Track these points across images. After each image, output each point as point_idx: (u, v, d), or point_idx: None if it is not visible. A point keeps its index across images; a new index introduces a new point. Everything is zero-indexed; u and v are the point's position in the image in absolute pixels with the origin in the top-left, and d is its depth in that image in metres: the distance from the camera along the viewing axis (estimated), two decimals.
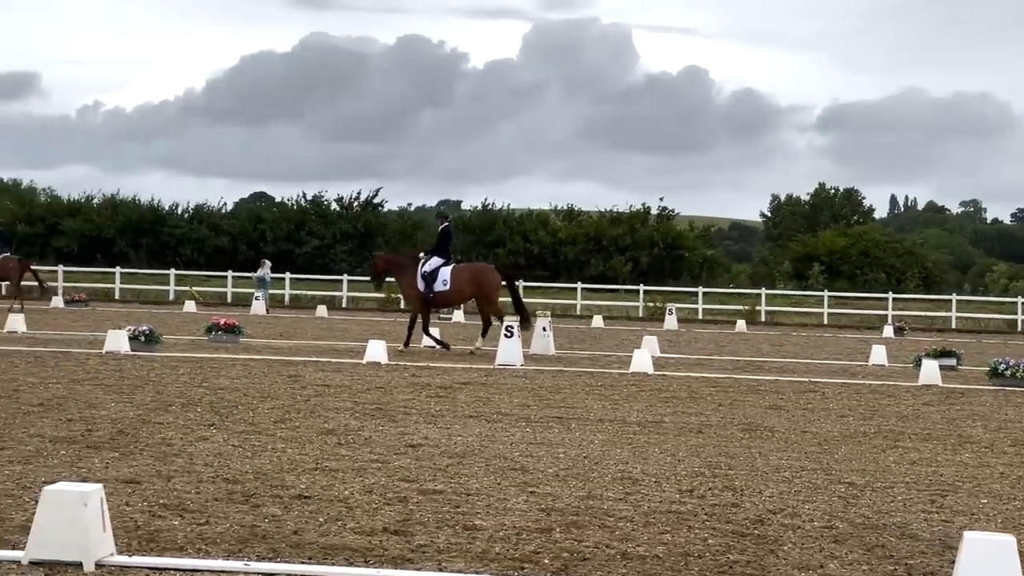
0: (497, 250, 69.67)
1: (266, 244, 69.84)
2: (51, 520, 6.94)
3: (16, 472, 10.15)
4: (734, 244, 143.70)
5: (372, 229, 71.23)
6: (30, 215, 74.24)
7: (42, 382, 17.61)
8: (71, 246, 71.06)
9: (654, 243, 70.66)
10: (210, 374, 19.62)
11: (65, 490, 7.01)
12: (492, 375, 21.43)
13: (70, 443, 11.88)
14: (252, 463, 11.07)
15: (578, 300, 58.43)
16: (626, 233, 70.63)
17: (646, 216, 72.76)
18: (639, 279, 65.70)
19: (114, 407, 14.94)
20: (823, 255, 71.17)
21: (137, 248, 71.03)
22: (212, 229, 71.46)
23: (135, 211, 73.14)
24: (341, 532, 8.30)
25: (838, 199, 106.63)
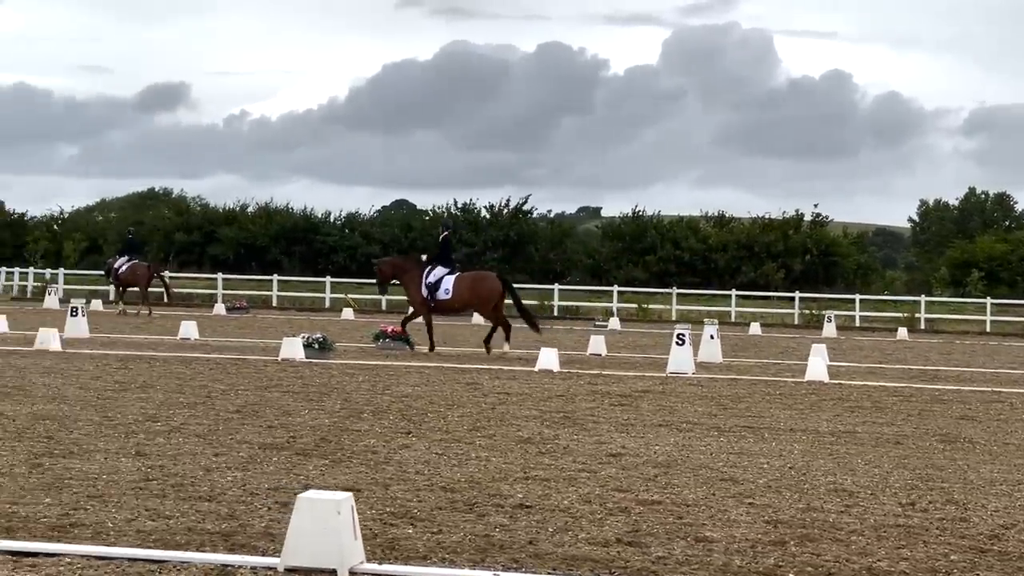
0: (647, 257, 69.38)
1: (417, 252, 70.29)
2: (306, 527, 7.01)
3: (238, 479, 10.28)
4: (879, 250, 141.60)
5: (523, 236, 71.37)
6: (187, 224, 75.71)
7: (231, 388, 17.90)
8: (227, 254, 72.32)
9: (807, 249, 69.78)
10: (390, 381, 19.77)
11: (319, 498, 7.07)
12: (667, 383, 21.30)
13: (278, 450, 12.02)
14: (461, 471, 11.09)
15: (732, 307, 57.93)
16: (778, 239, 69.84)
17: (799, 222, 71.90)
18: (792, 286, 64.96)
19: (308, 414, 15.11)
20: (981, 261, 69.65)
21: (290, 256, 72.02)
22: (364, 237, 72.19)
23: (288, 219, 74.18)
24: (575, 542, 8.26)
25: (989, 204, 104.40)
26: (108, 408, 15.09)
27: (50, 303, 49.06)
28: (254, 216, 74.82)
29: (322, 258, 71.92)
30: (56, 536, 7.91)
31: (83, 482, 9.87)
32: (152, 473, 10.41)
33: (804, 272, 68.96)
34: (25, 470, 10.41)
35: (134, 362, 22.15)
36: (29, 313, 42.52)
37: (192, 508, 8.96)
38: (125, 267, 45.74)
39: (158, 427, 13.45)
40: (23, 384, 17.68)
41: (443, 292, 28.43)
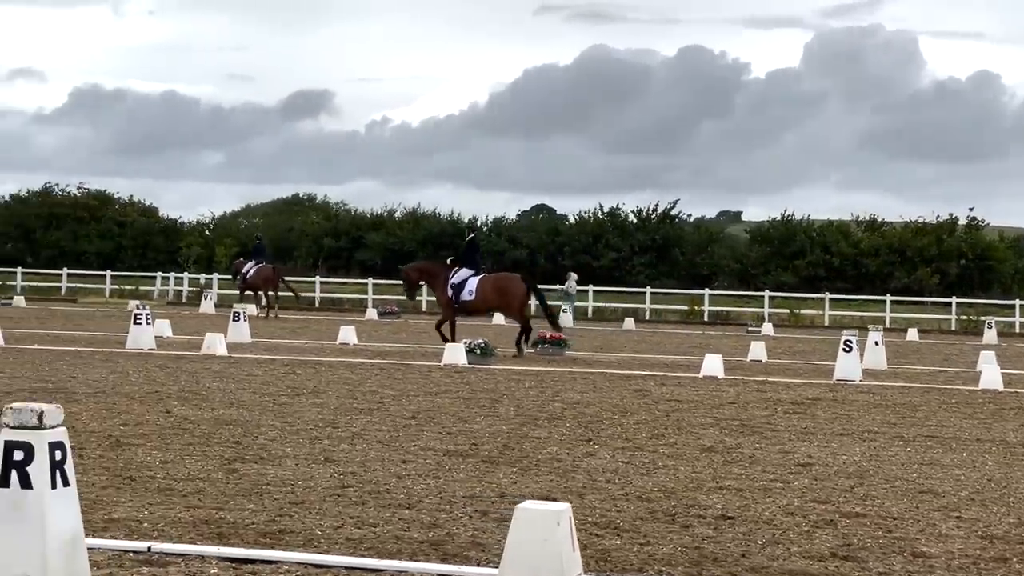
0: (796, 261, 68.54)
1: (564, 257, 70.33)
2: (524, 538, 6.90)
3: (432, 487, 10.24)
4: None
5: (669, 241, 70.97)
6: (335, 229, 76.59)
7: (401, 394, 17.95)
8: (374, 259, 72.99)
9: (962, 254, 68.36)
10: (558, 388, 19.68)
11: (538, 509, 6.96)
12: (836, 390, 20.92)
13: (464, 457, 11.98)
14: (652, 480, 10.94)
15: (887, 312, 56.93)
16: (932, 244, 68.53)
17: (952, 226, 70.47)
18: (946, 291, 63.67)
19: (484, 421, 15.07)
20: None
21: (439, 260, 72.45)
22: (510, 241, 72.36)
23: (435, 224, 74.66)
24: (788, 556, 8.07)
25: None
26: (286, 413, 15.21)
27: (206, 307, 49.94)
28: (401, 221, 75.42)
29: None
30: (268, 543, 7.92)
31: (281, 488, 9.91)
32: (346, 480, 10.42)
33: (959, 277, 67.56)
34: (222, 475, 10.49)
35: (300, 367, 22.36)
36: (187, 318, 43.27)
37: (394, 516, 8.93)
38: (252, 271, 47.02)
39: (339, 433, 13.51)
40: (198, 389, 17.92)
41: (467, 293, 28.89)
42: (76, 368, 20.86)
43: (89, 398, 16.29)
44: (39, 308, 49.40)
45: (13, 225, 78.24)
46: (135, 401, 16.09)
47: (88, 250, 76.47)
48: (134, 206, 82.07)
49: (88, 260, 74.35)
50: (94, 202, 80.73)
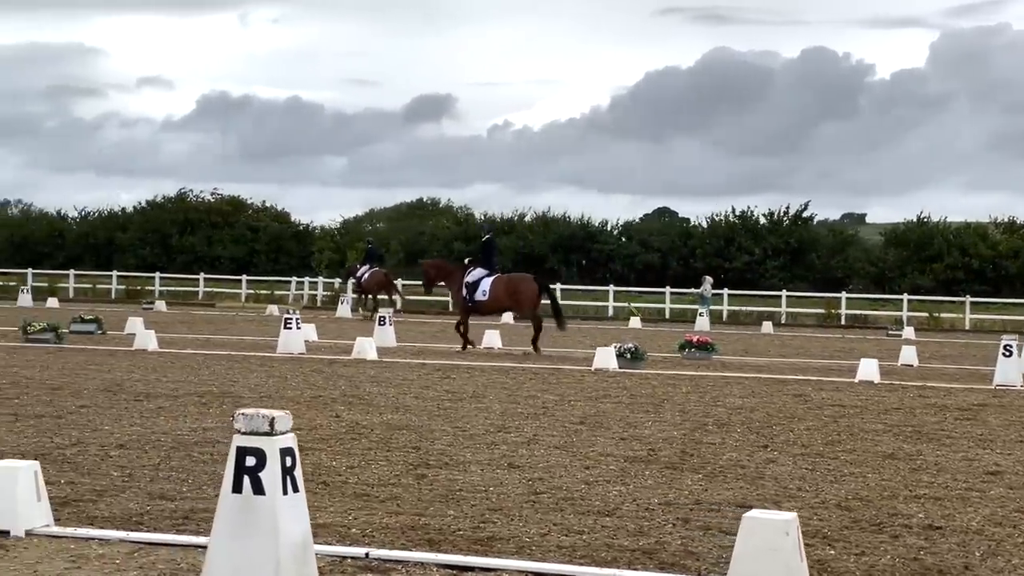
0: (934, 264, 67.36)
1: (695, 260, 69.88)
2: (753, 549, 6.78)
3: (624, 493, 10.15)
4: None
5: (804, 244, 70.16)
6: (466, 233, 76.80)
7: (562, 399, 17.87)
8: (505, 263, 73.08)
9: None
10: (717, 393, 19.49)
11: (766, 518, 6.84)
12: (999, 396, 20.46)
13: (645, 463, 11.87)
14: (844, 488, 10.74)
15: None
16: None
17: None
18: None
19: (653, 426, 14.95)
20: None
21: (568, 264, 72.39)
22: (642, 245, 72.05)
23: (566, 227, 74.59)
24: (1011, 569, 7.85)
25: None
26: (453, 418, 15.21)
27: (343, 312, 50.38)
28: (531, 224, 75.47)
29: (600, 266, 72.07)
30: (481, 550, 7.88)
31: (476, 494, 9.88)
32: (536, 486, 10.36)
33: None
34: (412, 481, 10.50)
35: (454, 372, 22.39)
36: (325, 322, 43.65)
37: (596, 523, 8.84)
38: (366, 275, 48.63)
39: (513, 438, 13.47)
40: (359, 394, 18.01)
41: (480, 293, 29.28)
42: (234, 372, 21.10)
43: (257, 402, 16.44)
44: (180, 312, 50.17)
45: (150, 231, 79.65)
46: (302, 405, 16.21)
47: (222, 255, 77.60)
48: (267, 211, 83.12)
49: (222, 265, 75.44)
50: (228, 207, 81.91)
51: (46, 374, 19.75)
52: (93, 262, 76.12)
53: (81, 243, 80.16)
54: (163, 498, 9.43)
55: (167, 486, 9.95)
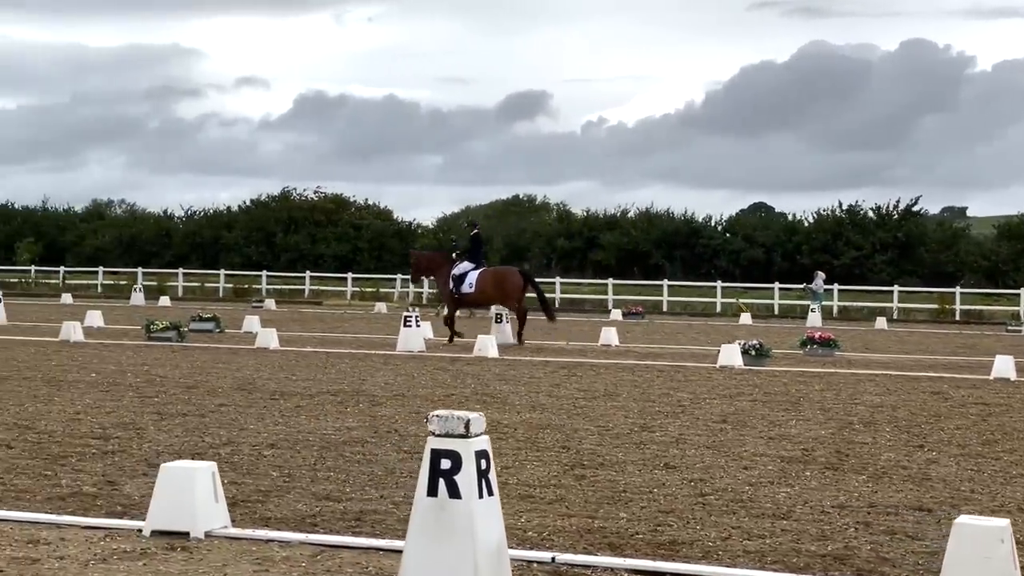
0: None
1: (802, 255, 69.09)
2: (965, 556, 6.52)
3: (793, 495, 9.90)
4: None
5: (913, 238, 69.10)
6: (568, 230, 76.67)
7: (696, 397, 17.63)
8: (608, 259, 72.81)
9: None
10: (851, 390, 19.12)
11: (979, 524, 6.58)
12: None
13: (803, 463, 11.60)
14: (1020, 491, 10.42)
15: None
16: None
17: None
18: None
19: (798, 425, 14.66)
20: None
21: (672, 260, 71.92)
22: (747, 240, 71.39)
23: (670, 224, 74.13)
24: None
25: None
26: (592, 417, 15.04)
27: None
28: (635, 221, 75.09)
29: (704, 262, 71.53)
30: (667, 554, 7.69)
31: (641, 495, 9.69)
32: (699, 487, 10.15)
33: None
34: (573, 481, 10.33)
35: (578, 369, 22.22)
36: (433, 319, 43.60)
37: (775, 527, 8.62)
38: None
39: (659, 437, 13.26)
40: (491, 392, 17.89)
41: (467, 286, 29.87)
42: (360, 370, 21.08)
43: (392, 401, 16.38)
44: (289, 311, 50.44)
45: (254, 229, 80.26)
46: (437, 404, 16.10)
47: (325, 253, 77.97)
48: (369, 209, 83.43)
49: (325, 263, 75.79)
50: (331, 205, 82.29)
51: (177, 372, 19.85)
52: (199, 261, 76.86)
53: (188, 242, 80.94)
54: (328, 499, 9.34)
55: (329, 487, 9.86)
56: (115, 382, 18.12)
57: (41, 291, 65.05)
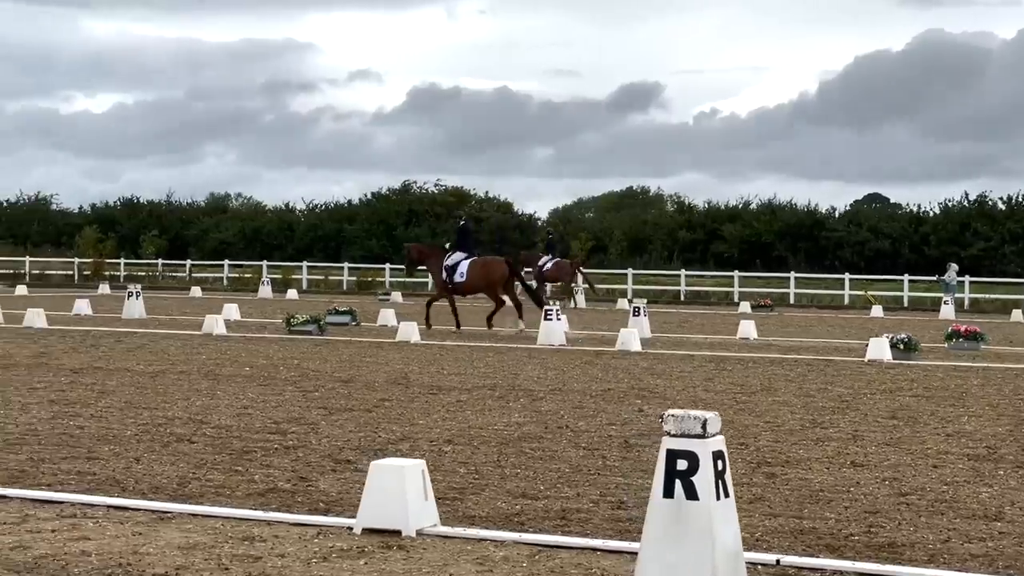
0: None
1: (929, 247, 67.99)
2: None
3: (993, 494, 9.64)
4: None
5: None
6: (690, 221, 76.21)
7: (856, 393, 17.33)
8: (730, 251, 72.24)
9: None
10: (1012, 385, 18.70)
11: None
12: None
13: (991, 461, 11.31)
14: None
15: None
16: None
17: None
18: None
19: (972, 421, 14.32)
20: None
21: (795, 252, 71.14)
22: (872, 231, 70.38)
23: (792, 215, 73.36)
24: None
25: None
26: (757, 412, 14.84)
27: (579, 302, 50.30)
28: (757, 212, 74.41)
29: (828, 254, 70.66)
30: (889, 557, 7.50)
31: (839, 495, 9.50)
32: (894, 486, 9.93)
33: None
34: (764, 479, 10.17)
35: (726, 363, 21.98)
36: None
37: (991, 529, 8.40)
38: (550, 264, 48.48)
39: (832, 433, 13.05)
40: (645, 386, 17.75)
41: (459, 275, 31.34)
42: (507, 364, 21.04)
43: (551, 395, 16.30)
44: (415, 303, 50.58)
45: (376, 222, 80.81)
46: (598, 399, 16.03)
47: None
48: (489, 201, 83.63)
49: None
50: (451, 198, 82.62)
51: (327, 367, 19.95)
52: (321, 254, 77.52)
53: (309, 235, 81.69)
54: (525, 496, 9.26)
55: (520, 484, 9.78)
56: (271, 376, 18.25)
57: (168, 284, 66.03)
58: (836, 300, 57.00)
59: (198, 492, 9.18)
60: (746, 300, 50.15)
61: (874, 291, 56.15)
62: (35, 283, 62.15)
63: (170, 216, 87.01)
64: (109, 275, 66.65)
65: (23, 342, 23.90)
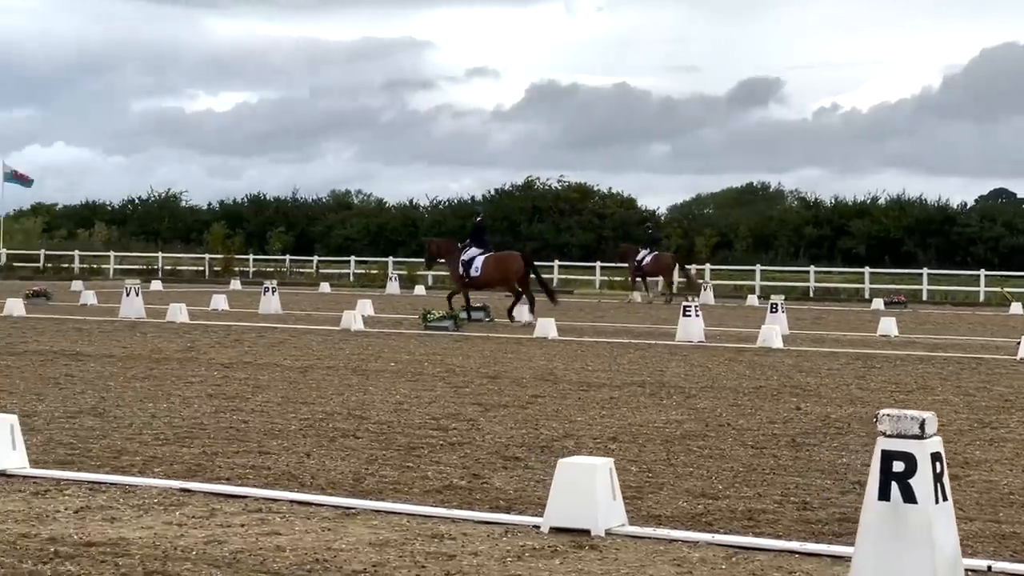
0: None
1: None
2: None
3: None
4: None
5: None
6: (816, 217, 75.28)
7: (1016, 392, 16.88)
8: (858, 247, 71.24)
9: None
10: None
11: None
12: None
13: None
14: None
15: None
16: None
17: None
18: None
19: None
20: None
21: (925, 248, 69.94)
22: (1006, 227, 68.95)
23: (922, 211, 72.14)
24: None
25: None
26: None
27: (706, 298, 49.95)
28: (886, 208, 73.28)
29: (959, 250, 69.35)
30: None
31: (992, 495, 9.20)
32: None
33: None
34: None
35: (873, 360, 21.57)
36: None
37: None
38: (649, 259, 48.60)
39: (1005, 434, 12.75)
40: (797, 383, 17.48)
41: (474, 269, 32.04)
42: (650, 360, 20.84)
43: (703, 392, 16.08)
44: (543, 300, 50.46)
45: (499, 218, 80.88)
46: (751, 396, 15.79)
47: (570, 242, 78.13)
48: (613, 197, 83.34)
49: (570, 252, 75.92)
50: (574, 195, 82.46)
51: (471, 362, 19.91)
52: None
53: (433, 231, 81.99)
54: (705, 496, 9.09)
55: (698, 483, 9.62)
56: (417, 372, 18.24)
57: (296, 280, 66.65)
58: (971, 297, 55.88)
59: (376, 488, 9.13)
60: (877, 297, 49.32)
61: (1010, 288, 54.97)
62: (168, 278, 63.12)
63: (296, 213, 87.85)
64: (238, 271, 67.52)
65: (170, 336, 24.21)
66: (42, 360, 18.74)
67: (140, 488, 8.74)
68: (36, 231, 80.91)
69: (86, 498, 8.43)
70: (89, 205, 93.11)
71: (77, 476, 9.12)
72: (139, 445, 10.83)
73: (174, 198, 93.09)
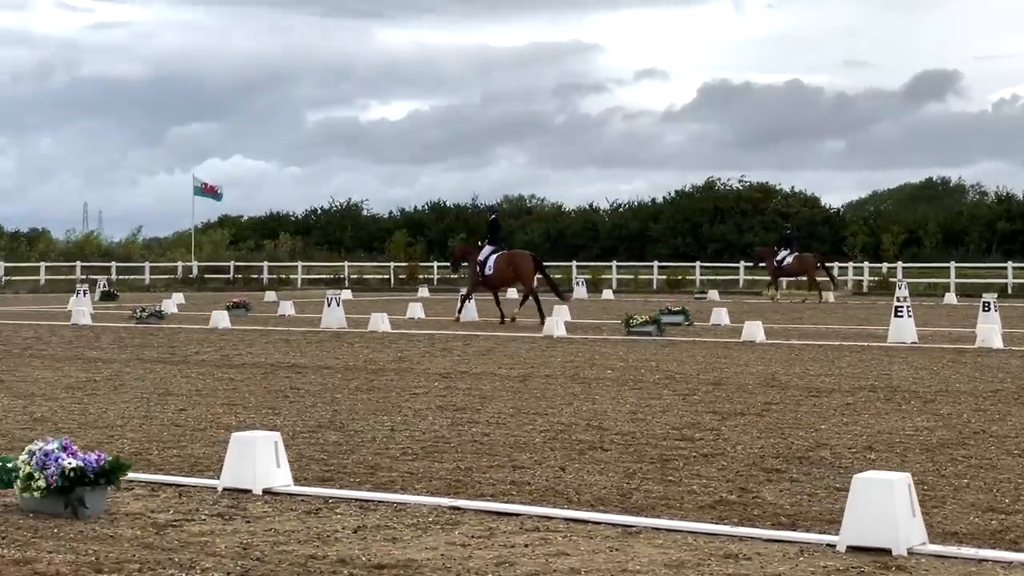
0: None
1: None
2: None
3: None
4: None
5: None
6: (1008, 212, 73.22)
7: None
8: None
9: None
10: None
11: None
12: None
13: None
14: None
15: None
16: None
17: None
18: None
19: None
20: None
21: None
22: None
23: None
24: None
25: None
26: None
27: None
28: None
29: None
30: None
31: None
32: None
33: None
34: None
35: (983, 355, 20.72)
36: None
37: None
38: (790, 259, 49.01)
39: None
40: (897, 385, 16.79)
41: (488, 269, 32.51)
42: (868, 363, 20.30)
43: (941, 397, 15.53)
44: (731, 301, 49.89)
45: (680, 220, 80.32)
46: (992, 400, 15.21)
47: (753, 242, 77.10)
48: (796, 196, 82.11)
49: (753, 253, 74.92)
50: (757, 194, 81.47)
51: (687, 368, 19.61)
52: (626, 253, 77.39)
53: (614, 235, 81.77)
54: (994, 510, 8.68)
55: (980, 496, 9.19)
56: (637, 379, 17.96)
57: None
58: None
59: (646, 504, 8.87)
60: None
61: None
62: (355, 287, 63.89)
63: (476, 219, 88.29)
64: (423, 278, 68.06)
65: (377, 346, 24.32)
66: (263, 373, 18.91)
67: (411, 506, 8.61)
68: (223, 243, 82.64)
69: (359, 517, 8.32)
70: (273, 216, 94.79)
71: (344, 494, 9.03)
72: (390, 460, 10.74)
73: (355, 207, 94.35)
